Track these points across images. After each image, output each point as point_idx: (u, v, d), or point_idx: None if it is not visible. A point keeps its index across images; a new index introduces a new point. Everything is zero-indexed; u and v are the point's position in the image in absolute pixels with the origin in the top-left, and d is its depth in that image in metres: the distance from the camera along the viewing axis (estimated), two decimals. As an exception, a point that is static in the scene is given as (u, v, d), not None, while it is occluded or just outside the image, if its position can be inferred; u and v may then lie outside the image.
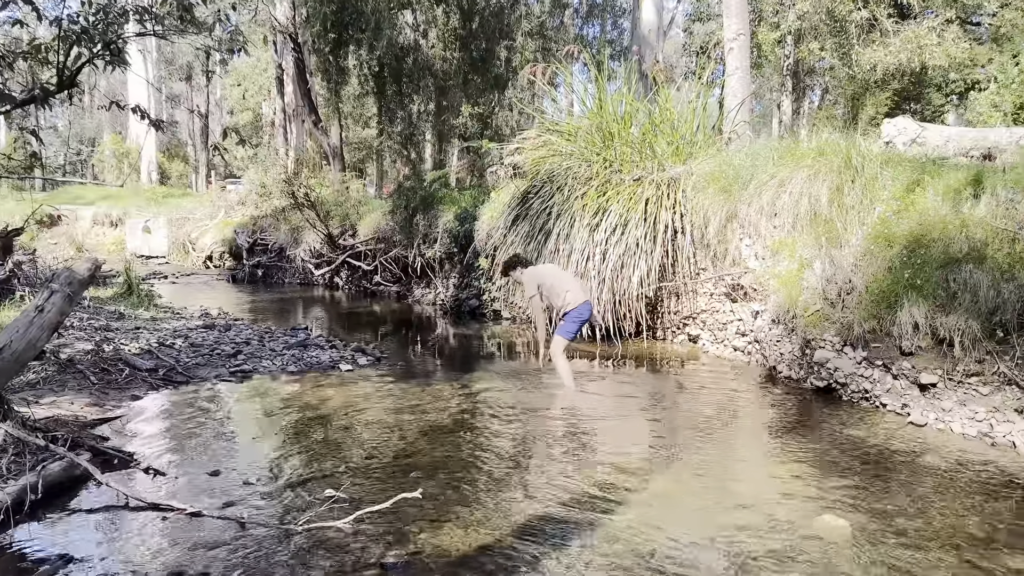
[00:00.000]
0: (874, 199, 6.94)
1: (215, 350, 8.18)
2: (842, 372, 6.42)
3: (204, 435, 5.40)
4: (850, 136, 7.57)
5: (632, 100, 10.17)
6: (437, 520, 3.86)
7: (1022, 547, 3.61)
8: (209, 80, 42.90)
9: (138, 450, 4.95)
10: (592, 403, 6.63)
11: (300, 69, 21.63)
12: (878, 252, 6.48)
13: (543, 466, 4.84)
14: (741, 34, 10.44)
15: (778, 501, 4.21)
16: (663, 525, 3.84)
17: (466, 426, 5.72)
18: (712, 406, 6.42)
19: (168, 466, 4.67)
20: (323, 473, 4.59)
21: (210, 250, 22.41)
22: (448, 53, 17.78)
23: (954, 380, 5.65)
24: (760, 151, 8.51)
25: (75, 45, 6.96)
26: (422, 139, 21.28)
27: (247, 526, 3.79)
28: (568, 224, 9.53)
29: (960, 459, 4.88)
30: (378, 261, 15.33)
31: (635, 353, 8.78)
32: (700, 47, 17.18)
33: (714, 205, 8.48)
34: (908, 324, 5.87)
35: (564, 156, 10.50)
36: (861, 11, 12.63)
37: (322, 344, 8.78)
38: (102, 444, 4.93)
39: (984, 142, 8.41)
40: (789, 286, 7.22)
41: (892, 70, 12.65)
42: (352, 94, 22.54)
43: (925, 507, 4.08)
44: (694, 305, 9.01)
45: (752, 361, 7.97)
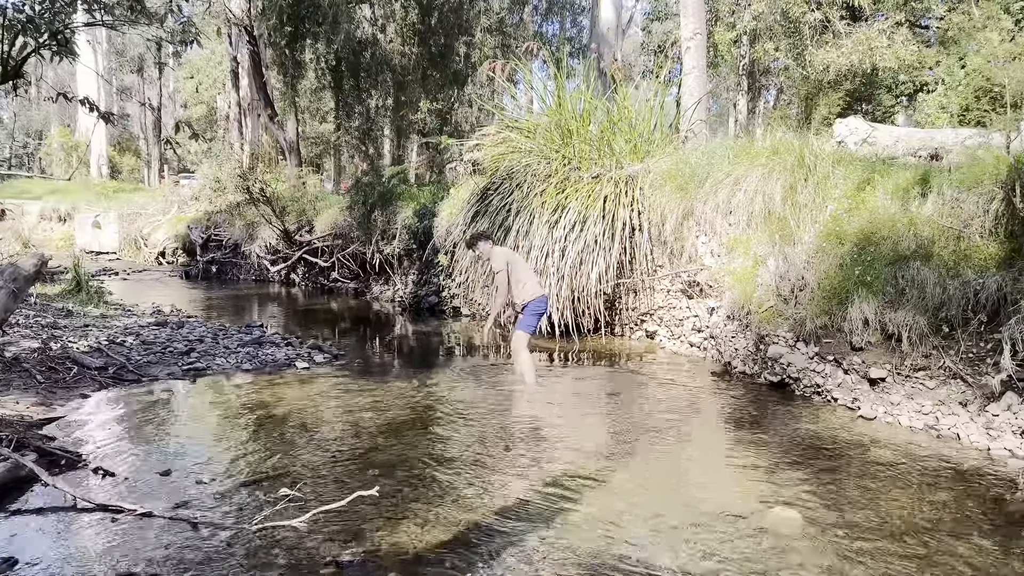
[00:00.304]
0: (826, 197, 7.08)
1: (167, 348, 8.02)
2: (795, 367, 6.54)
3: (155, 434, 5.29)
4: (803, 136, 7.72)
5: (591, 98, 10.22)
6: (394, 518, 3.84)
7: (966, 534, 3.72)
8: (161, 72, 41.97)
9: (87, 450, 4.83)
10: (550, 399, 6.66)
11: (255, 62, 21.27)
12: (830, 249, 6.61)
13: (501, 462, 4.84)
14: (698, 33, 10.56)
15: (732, 494, 4.28)
16: (619, 519, 3.88)
17: (424, 423, 5.70)
18: (668, 401, 6.50)
19: (118, 466, 4.57)
20: (278, 472, 4.53)
21: (163, 246, 21.98)
22: (407, 48, 17.66)
23: (902, 374, 5.80)
24: (716, 150, 8.62)
25: (20, 35, 6.76)
26: (380, 134, 21.11)
27: (199, 526, 3.73)
28: (527, 221, 9.54)
29: (907, 451, 5.01)
30: (335, 257, 15.19)
31: (594, 349, 8.84)
32: (658, 46, 17.34)
33: (671, 203, 8.57)
34: (858, 320, 6.00)
35: (523, 153, 10.51)
36: (814, 12, 12.87)
37: (277, 342, 8.66)
38: (49, 444, 4.80)
39: (931, 142, 8.64)
40: (744, 283, 7.34)
41: (844, 71, 12.92)
42: (309, 88, 22.25)
43: (874, 498, 4.18)
44: (652, 301, 9.10)
45: (708, 356, 8.08)
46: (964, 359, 5.50)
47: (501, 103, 14.09)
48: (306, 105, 27.01)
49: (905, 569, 3.37)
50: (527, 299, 6.95)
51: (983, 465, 4.73)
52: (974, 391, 5.39)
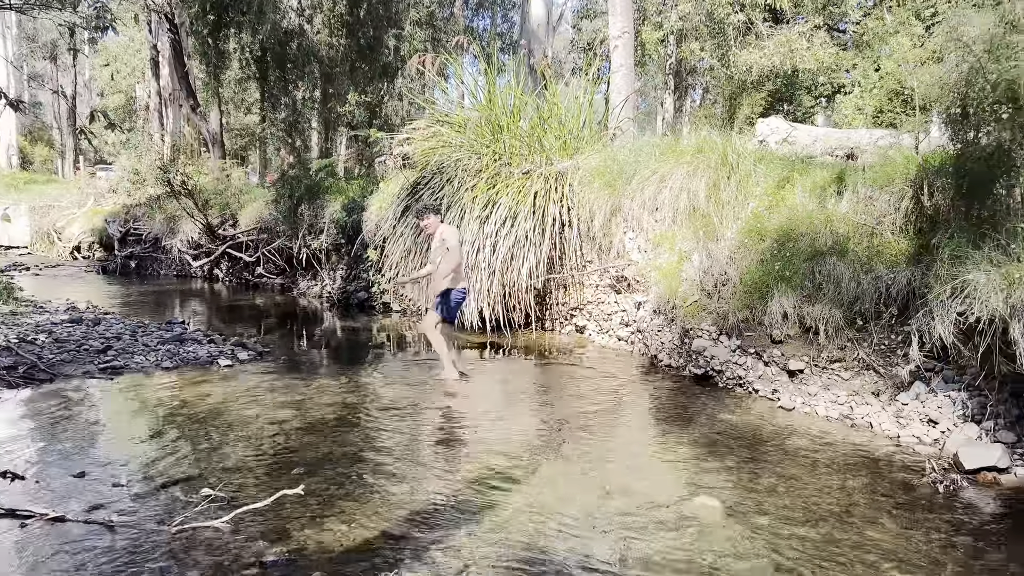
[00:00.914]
0: (748, 195, 7.28)
1: (83, 346, 7.71)
2: (718, 360, 6.71)
3: (69, 436, 5.08)
4: (727, 134, 7.91)
5: (521, 94, 10.25)
6: (320, 516, 3.79)
7: (877, 519, 3.88)
8: (76, 59, 40.19)
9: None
10: (480, 394, 6.67)
11: (177, 51, 20.57)
12: (751, 245, 6.81)
13: (429, 458, 4.83)
14: (626, 32, 10.70)
15: (657, 484, 4.37)
16: (548, 512, 3.91)
17: (352, 421, 5.63)
18: (596, 394, 6.58)
19: (28, 469, 4.37)
20: (200, 472, 4.41)
21: (78, 240, 21.11)
22: (335, 39, 17.34)
23: (819, 366, 6.02)
24: (643, 147, 8.76)
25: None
26: (308, 127, 20.69)
27: (116, 529, 3.60)
28: (458, 216, 9.51)
29: (823, 440, 5.21)
30: (261, 252, 14.84)
31: (524, 344, 8.89)
32: (588, 44, 17.51)
33: (599, 199, 8.68)
34: (778, 314, 6.21)
35: (454, 148, 10.46)
36: (738, 14, 13.21)
37: (200, 339, 8.42)
38: (-49, 449, 4.56)
39: (848, 142, 8.98)
40: (669, 278, 7.49)
41: (766, 72, 13.31)
42: (233, 78, 21.64)
43: (792, 485, 4.32)
44: (581, 296, 9.19)
45: (635, 350, 8.22)
46: (877, 351, 5.74)
47: (432, 97, 13.99)
48: (230, 96, 26.28)
49: (820, 553, 3.50)
50: (454, 287, 6.89)
51: (893, 452, 4.95)
52: (886, 381, 5.64)
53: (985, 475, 4.43)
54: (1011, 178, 4.83)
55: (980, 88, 4.71)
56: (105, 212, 20.28)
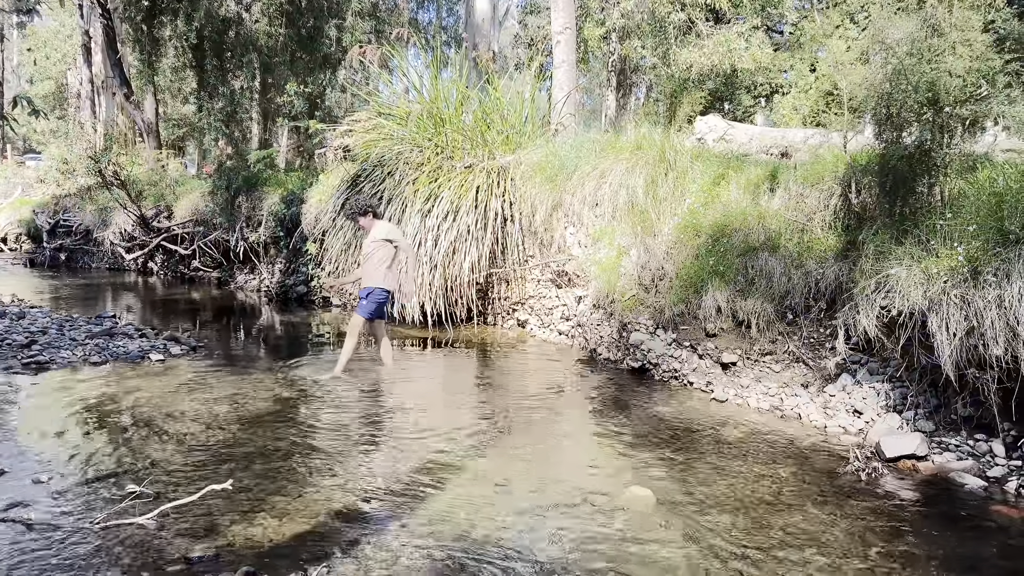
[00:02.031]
0: (685, 191, 7.40)
1: (5, 340, 7.43)
2: (655, 353, 6.82)
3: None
4: (666, 132, 8.02)
5: (464, 88, 10.22)
6: (250, 511, 3.72)
7: (801, 505, 4.00)
8: (2, 44, 38.56)
9: (-96, 453, 4.40)
10: (420, 388, 6.64)
11: (110, 37, 19.88)
12: (687, 241, 6.93)
13: (365, 452, 4.79)
14: (567, 28, 10.76)
15: (591, 475, 4.42)
16: (481, 505, 3.92)
17: (287, 415, 5.55)
18: (536, 388, 6.62)
19: (-59, 469, 4.19)
20: (126, 469, 4.29)
21: (4, 232, 20.34)
22: (274, 28, 17.00)
23: (751, 359, 6.16)
24: (584, 143, 8.82)
25: None
26: (247, 117, 20.26)
27: (35, 527, 3.48)
28: (400, 209, 9.45)
29: (754, 430, 5.33)
30: (197, 245, 14.50)
31: (466, 338, 8.88)
32: (531, 40, 17.55)
33: (541, 194, 8.72)
34: (712, 308, 6.33)
35: (396, 140, 10.37)
36: (679, 13, 13.42)
37: (131, 333, 8.18)
38: None
39: (783, 141, 9.22)
40: (608, 273, 7.57)
41: (706, 70, 13.55)
42: (169, 67, 21.04)
43: (723, 475, 4.42)
44: (523, 291, 9.23)
45: (575, 344, 8.29)
46: (806, 344, 5.91)
47: (376, 89, 13.83)
48: (167, 85, 25.55)
49: (747, 539, 3.58)
50: (379, 285, 6.81)
51: (819, 442, 5.10)
52: (814, 373, 5.80)
53: (905, 463, 4.60)
54: (932, 177, 5.02)
55: (903, 89, 4.88)
56: (33, 203, 19.57)
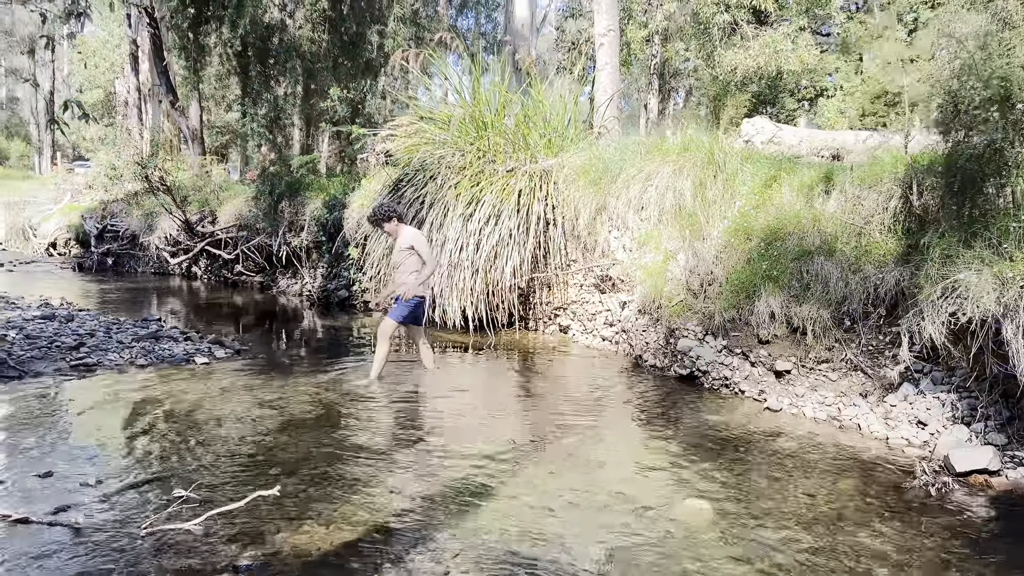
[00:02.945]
0: (735, 194, 7.21)
1: (54, 342, 7.50)
2: (704, 360, 6.63)
3: (37, 434, 4.90)
4: (713, 133, 7.84)
5: (506, 91, 10.13)
6: (297, 518, 3.65)
7: (868, 522, 3.80)
8: (53, 54, 39.63)
9: (-45, 454, 4.42)
10: (462, 393, 6.54)
11: (157, 46, 20.25)
12: (738, 245, 6.73)
13: (410, 458, 4.69)
14: (611, 30, 10.62)
15: (643, 486, 4.26)
16: (531, 516, 3.79)
17: (331, 420, 5.49)
18: (580, 394, 6.48)
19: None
20: (172, 473, 4.25)
21: (54, 236, 20.74)
22: (317, 35, 17.12)
23: (806, 367, 5.95)
24: (628, 146, 8.67)
25: None
26: (289, 123, 20.45)
27: (83, 531, 3.45)
28: (441, 213, 9.38)
29: (812, 441, 5.13)
30: (240, 250, 14.61)
31: (507, 343, 8.77)
32: (572, 43, 17.43)
33: (584, 197, 8.58)
34: (765, 313, 6.13)
35: (437, 145, 10.32)
36: (724, 15, 13.19)
37: (176, 336, 8.23)
38: (-90, 449, 4.37)
39: (833, 143, 8.96)
40: (655, 277, 7.40)
41: (751, 73, 13.29)
42: (214, 74, 21.35)
43: (781, 488, 4.24)
44: (565, 296, 9.09)
45: (620, 351, 8.12)
46: (864, 351, 5.68)
47: (415, 95, 13.83)
48: (211, 92, 25.98)
49: (812, 557, 3.41)
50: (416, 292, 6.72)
51: (882, 454, 4.88)
52: (874, 382, 5.57)
53: (976, 477, 4.37)
54: (1003, 177, 4.77)
55: (972, 86, 4.65)
56: (82, 208, 19.94)
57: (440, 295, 9.34)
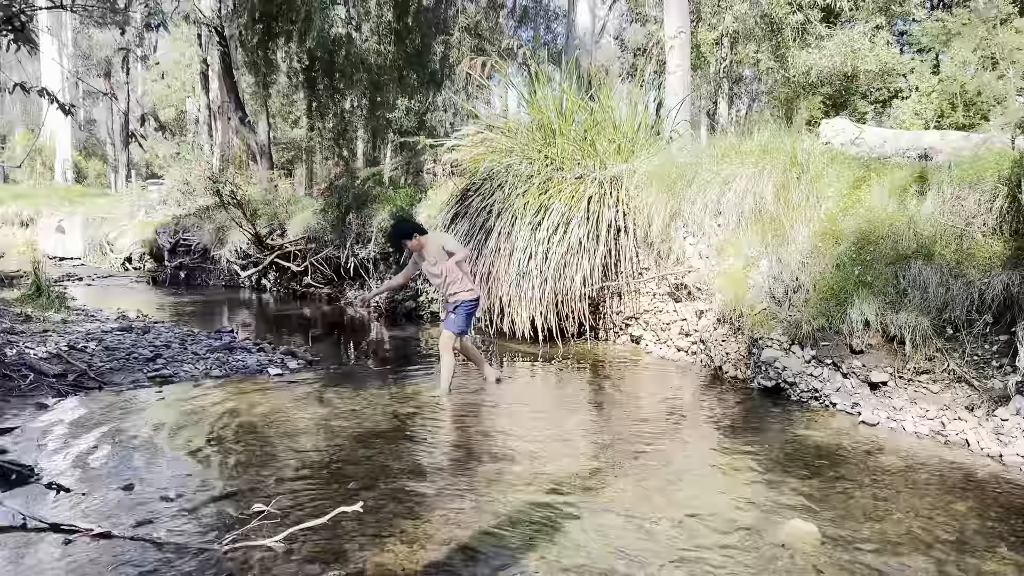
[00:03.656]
0: (820, 197, 6.87)
1: (132, 354, 7.60)
2: (790, 371, 6.31)
3: (117, 446, 4.90)
4: (794, 135, 7.51)
5: (573, 97, 9.97)
6: (378, 535, 3.51)
7: (991, 547, 3.48)
8: (128, 75, 41.14)
9: (40, 463, 4.44)
10: (535, 407, 6.37)
11: (226, 64, 20.76)
12: (826, 249, 6.40)
13: (489, 474, 4.52)
14: (681, 32, 10.37)
15: (736, 507, 4.00)
16: (622, 538, 3.58)
17: (406, 433, 5.37)
18: (658, 409, 6.23)
19: (74, 481, 4.19)
20: (251, 486, 4.17)
21: (129, 251, 21.32)
22: (383, 47, 17.28)
23: (904, 378, 5.58)
24: (703, 149, 8.40)
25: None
26: (355, 136, 20.68)
27: (164, 547, 3.38)
28: (509, 222, 9.26)
29: (916, 458, 4.78)
30: (308, 262, 14.74)
31: (577, 354, 8.56)
32: (638, 47, 17.19)
33: (657, 203, 8.33)
34: (858, 322, 5.78)
35: (504, 153, 10.22)
36: (797, 14, 12.78)
37: (249, 347, 8.27)
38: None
39: (920, 143, 8.49)
40: (735, 285, 7.10)
41: (825, 74, 12.84)
42: (281, 91, 21.77)
43: (890, 509, 3.93)
44: (637, 305, 8.84)
45: (697, 361, 7.83)
46: (969, 362, 5.29)
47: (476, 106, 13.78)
48: (278, 109, 26.55)
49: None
50: (467, 298, 6.54)
51: (998, 472, 4.51)
52: (981, 395, 5.18)
53: (1109, 500, 3.98)
54: None
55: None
56: (155, 224, 20.45)
57: (508, 305, 9.22)
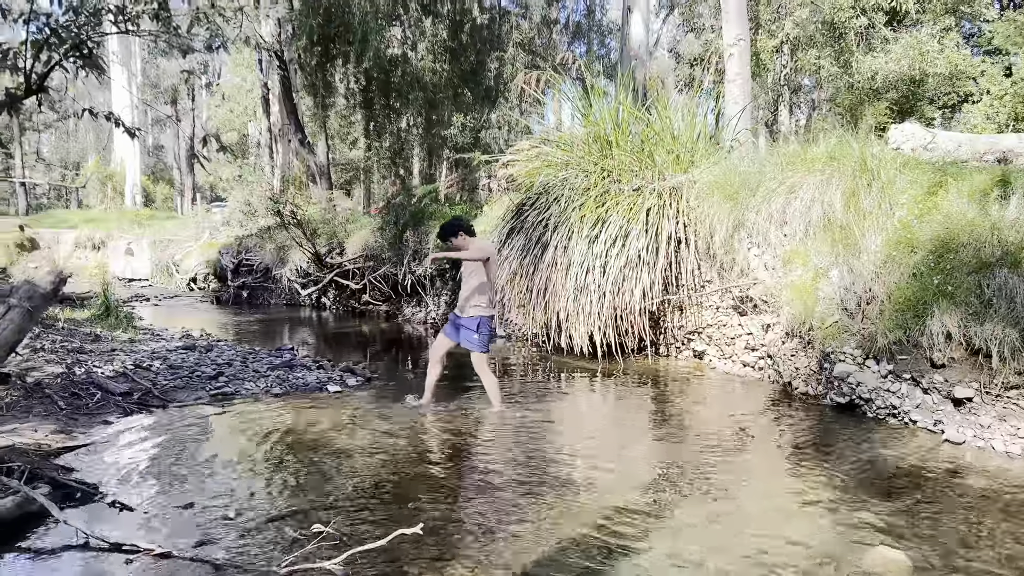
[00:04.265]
0: (893, 203, 6.56)
1: (195, 372, 7.68)
2: (865, 387, 6.00)
3: (179, 464, 4.91)
4: (863, 140, 7.22)
5: (630, 108, 9.81)
6: (440, 559, 3.40)
7: (1102, 580, 3.18)
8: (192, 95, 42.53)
9: (104, 482, 4.46)
10: (593, 424, 6.21)
11: (286, 87, 21.23)
12: (901, 259, 6.09)
13: (552, 495, 4.36)
14: (741, 39, 10.13)
15: (815, 534, 3.76)
16: (690, 568, 3.39)
17: (465, 451, 5.26)
18: (726, 428, 5.98)
19: (136, 500, 4.18)
20: (310, 506, 4.11)
21: (194, 272, 21.85)
22: (438, 65, 17.40)
23: (992, 394, 5.24)
24: (767, 157, 8.14)
25: (44, 48, 6.53)
26: (411, 154, 20.87)
27: (223, 568, 3.32)
28: (566, 236, 9.12)
29: (1009, 479, 4.46)
30: (366, 280, 14.85)
31: (638, 370, 8.35)
32: (694, 58, 16.92)
33: (720, 214, 8.09)
34: (939, 334, 5.46)
35: (559, 167, 10.12)
36: (860, 18, 12.40)
37: (309, 365, 8.29)
38: (64, 476, 4.44)
39: (998, 146, 8.11)
40: (804, 297, 6.82)
41: (892, 78, 12.39)
42: (339, 112, 22.12)
43: (986, 534, 3.65)
44: (700, 319, 8.59)
45: (765, 377, 7.55)
46: (1064, 376, 4.94)
47: (533, 120, 13.74)
48: (336, 130, 27.00)
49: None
50: (484, 313, 6.34)
51: (1103, 496, 4.17)
52: (1078, 411, 4.83)
53: None
54: None
55: None
56: (219, 245, 20.93)
57: (566, 320, 9.06)
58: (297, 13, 16.71)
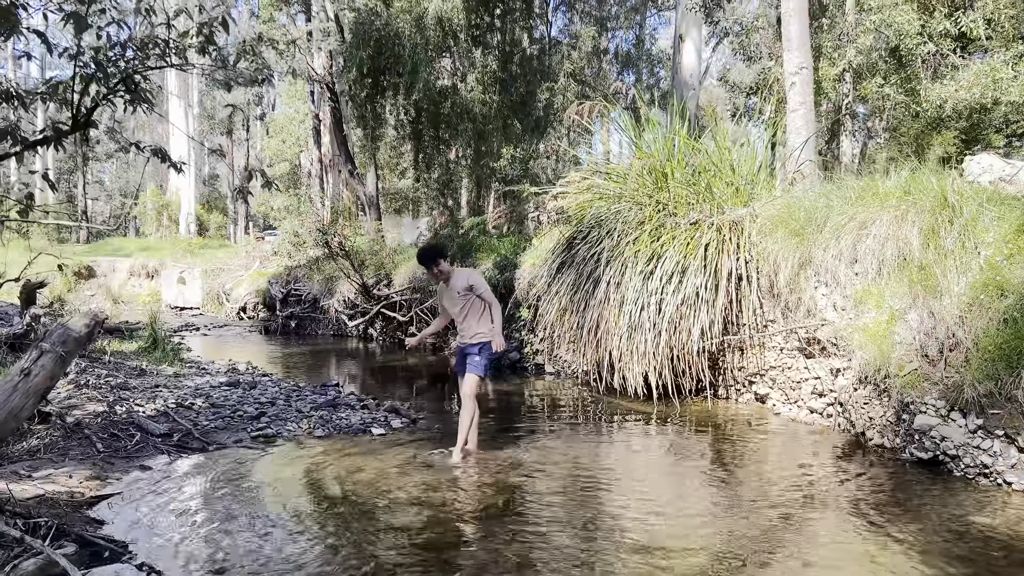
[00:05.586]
0: (978, 242, 6.07)
1: (237, 411, 7.51)
2: (951, 443, 5.49)
3: (214, 516, 4.66)
4: (942, 174, 6.74)
5: (685, 137, 9.46)
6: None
7: None
8: (248, 133, 43.46)
9: (134, 537, 4.23)
10: (654, 474, 5.80)
11: (336, 118, 21.42)
12: (989, 302, 5.59)
13: (606, 563, 3.99)
14: (803, 68, 9.72)
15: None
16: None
17: (516, 503, 4.92)
18: (793, 482, 5.53)
19: (165, 562, 3.93)
20: (351, 567, 3.81)
21: (244, 301, 22.03)
22: (487, 96, 17.30)
23: (1101, 456, 4.71)
24: (834, 191, 7.70)
25: (91, 82, 6.48)
26: (459, 185, 20.79)
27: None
28: (619, 272, 8.77)
29: None
30: (414, 312, 14.67)
31: (696, 414, 7.92)
32: (749, 87, 16.52)
33: (784, 250, 7.66)
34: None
35: (612, 199, 9.80)
36: (927, 44, 11.89)
37: (353, 403, 8.06)
38: (92, 531, 4.23)
39: (1088, 178, 7.53)
40: (878, 341, 6.33)
41: (961, 107, 11.82)
42: (388, 143, 22.21)
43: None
44: (762, 361, 8.12)
45: (834, 426, 7.05)
46: None
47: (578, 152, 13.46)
48: (385, 161, 27.18)
49: None
50: (487, 338, 6.04)
51: None
52: None
53: None
54: None
55: None
56: (268, 274, 21.08)
57: (619, 359, 8.69)
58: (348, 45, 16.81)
